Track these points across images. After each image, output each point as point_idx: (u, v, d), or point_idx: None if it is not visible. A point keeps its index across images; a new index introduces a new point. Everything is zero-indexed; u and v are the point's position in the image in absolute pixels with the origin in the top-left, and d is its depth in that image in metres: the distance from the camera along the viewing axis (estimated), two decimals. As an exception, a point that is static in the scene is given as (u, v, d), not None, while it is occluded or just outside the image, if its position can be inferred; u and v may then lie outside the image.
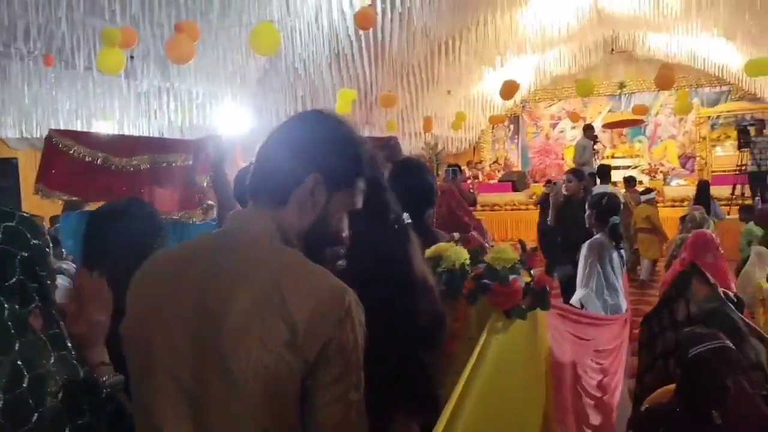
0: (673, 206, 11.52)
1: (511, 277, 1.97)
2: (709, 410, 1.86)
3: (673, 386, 2.22)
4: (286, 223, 1.18)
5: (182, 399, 1.10)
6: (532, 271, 2.08)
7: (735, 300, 3.13)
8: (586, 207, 4.22)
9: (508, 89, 11.10)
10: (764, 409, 2.00)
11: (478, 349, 1.84)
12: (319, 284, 1.11)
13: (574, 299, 3.94)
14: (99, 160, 3.37)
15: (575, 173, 6.18)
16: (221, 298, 1.09)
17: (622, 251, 4.13)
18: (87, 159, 3.40)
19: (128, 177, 3.31)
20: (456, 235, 2.71)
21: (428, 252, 2.14)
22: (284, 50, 8.78)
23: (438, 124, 13.96)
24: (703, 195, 8.89)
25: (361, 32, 8.81)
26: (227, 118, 8.53)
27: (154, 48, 7.47)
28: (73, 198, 3.76)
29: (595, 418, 2.54)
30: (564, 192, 5.88)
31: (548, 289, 2.06)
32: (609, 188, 8.41)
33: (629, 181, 11.14)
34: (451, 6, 9.70)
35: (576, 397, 2.28)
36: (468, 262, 2.08)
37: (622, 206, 4.69)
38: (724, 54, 13.04)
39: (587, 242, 3.99)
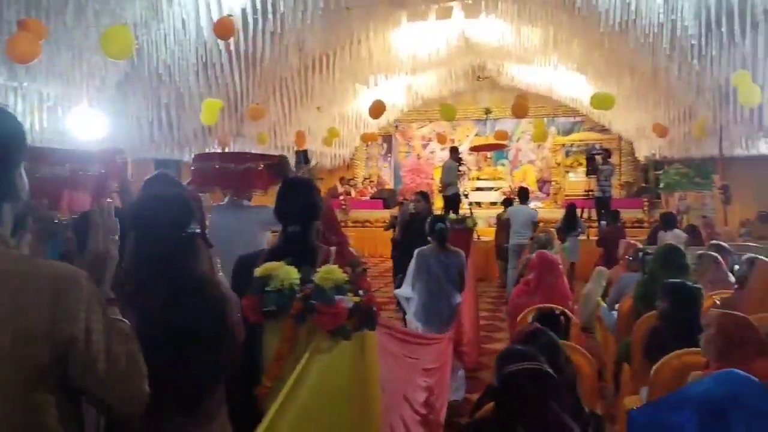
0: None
1: (337, 297, 1.99)
2: (515, 426, 1.96)
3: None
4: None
5: None
6: (360, 292, 2.10)
7: (558, 316, 3.35)
8: None
9: (377, 109, 11.38)
10: (574, 429, 2.10)
11: (298, 370, 1.84)
12: (47, 272, 1.18)
13: (397, 291, 4.82)
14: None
15: (423, 195, 7.42)
16: None
17: (452, 257, 4.81)
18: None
19: (51, 183, 3.33)
20: (333, 248, 2.74)
21: (258, 271, 2.12)
22: (147, 54, 8.42)
23: (312, 139, 13.95)
24: (570, 216, 10.50)
25: (231, 41, 8.64)
26: (82, 122, 7.99)
27: (0, 45, 6.91)
28: None
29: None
30: (412, 210, 7.00)
31: (375, 309, 2.10)
32: (528, 207, 9.99)
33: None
34: (325, 22, 9.73)
35: (403, 414, 2.34)
36: (297, 281, 2.07)
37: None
38: (577, 87, 14.04)
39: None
